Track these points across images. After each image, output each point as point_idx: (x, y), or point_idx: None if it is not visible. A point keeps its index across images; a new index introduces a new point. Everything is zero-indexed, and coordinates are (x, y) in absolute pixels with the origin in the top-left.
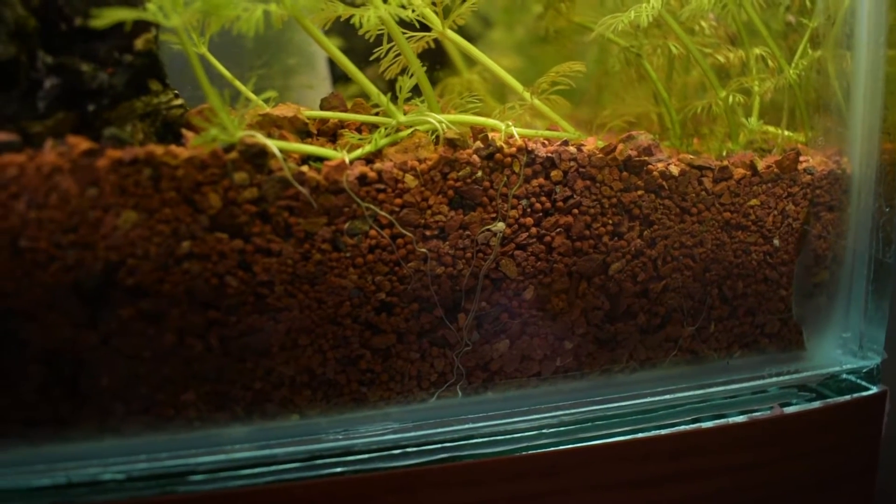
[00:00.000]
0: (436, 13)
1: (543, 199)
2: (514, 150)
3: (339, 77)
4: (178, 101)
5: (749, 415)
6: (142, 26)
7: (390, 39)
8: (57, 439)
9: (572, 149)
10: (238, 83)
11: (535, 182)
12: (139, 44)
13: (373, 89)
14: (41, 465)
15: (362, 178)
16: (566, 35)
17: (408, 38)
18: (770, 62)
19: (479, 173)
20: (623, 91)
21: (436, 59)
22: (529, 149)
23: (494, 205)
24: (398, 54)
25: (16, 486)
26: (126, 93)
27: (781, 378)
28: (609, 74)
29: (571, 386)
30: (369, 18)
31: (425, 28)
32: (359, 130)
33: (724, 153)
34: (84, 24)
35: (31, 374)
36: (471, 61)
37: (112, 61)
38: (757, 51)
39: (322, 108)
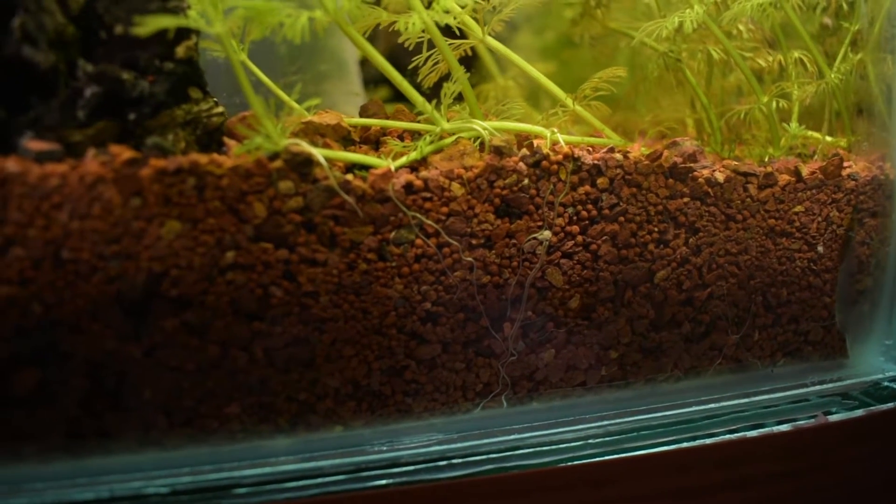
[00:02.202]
0: (476, 20)
1: (589, 206)
2: (560, 157)
3: (367, 82)
4: (219, 109)
5: (793, 423)
6: (182, 34)
7: (430, 46)
8: (100, 452)
9: (618, 156)
10: (279, 91)
11: (581, 190)
12: (180, 51)
13: (418, 97)
14: (84, 479)
15: (408, 187)
16: (600, 40)
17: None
18: (809, 66)
19: (526, 181)
20: (662, 96)
21: (467, 66)
22: (576, 156)
23: (541, 213)
24: (436, 62)
25: (59, 499)
26: (167, 101)
27: (824, 386)
28: (643, 79)
29: (616, 395)
30: (415, 25)
31: (461, 35)
32: (401, 138)
33: (766, 159)
34: (124, 32)
35: (73, 387)
36: (504, 67)
37: (153, 69)
38: (795, 54)
39: (362, 115)
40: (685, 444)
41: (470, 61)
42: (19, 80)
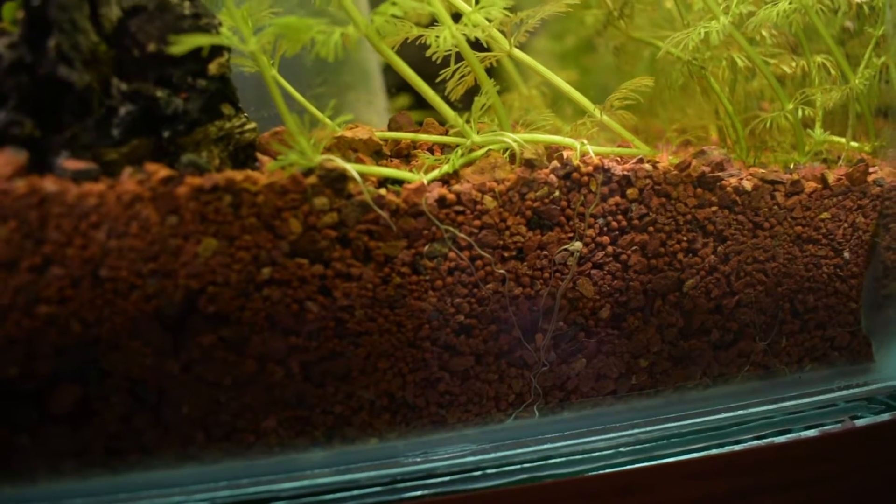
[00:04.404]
0: (502, 33)
1: (619, 217)
2: (590, 168)
3: (387, 89)
4: (251, 125)
5: (820, 428)
6: (214, 51)
7: (458, 59)
8: (139, 468)
9: (648, 166)
10: (310, 106)
11: (611, 200)
12: (213, 68)
13: (449, 111)
14: (124, 494)
15: (441, 201)
16: (622, 48)
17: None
18: (832, 70)
19: (557, 193)
20: (686, 104)
21: (490, 76)
22: (606, 167)
23: (571, 224)
24: (463, 75)
25: None
26: (200, 118)
27: (851, 391)
28: (667, 87)
29: (645, 403)
30: (445, 39)
31: (483, 47)
32: (430, 151)
33: (791, 165)
34: (157, 50)
35: (112, 403)
36: (526, 75)
37: (186, 86)
38: (818, 59)
39: (391, 127)
40: (714, 451)
41: (492, 71)
42: (55, 100)
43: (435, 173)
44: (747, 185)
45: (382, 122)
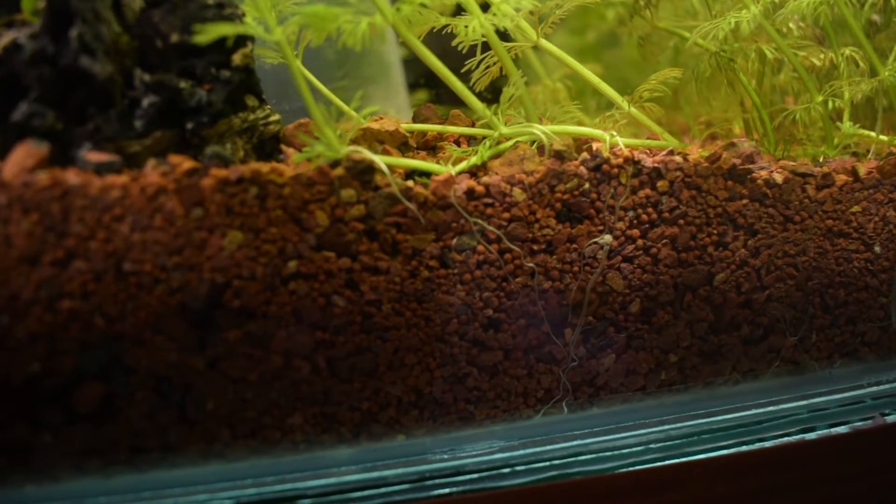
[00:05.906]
0: (530, 23)
1: (650, 209)
2: (620, 160)
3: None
4: (275, 117)
5: (850, 425)
6: (238, 41)
7: (482, 50)
8: (164, 465)
9: (678, 158)
10: (335, 97)
11: (641, 193)
12: (237, 59)
13: (477, 102)
14: (148, 493)
15: (470, 193)
16: (646, 39)
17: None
18: (861, 63)
19: (587, 185)
20: (712, 96)
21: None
22: (636, 159)
23: (601, 217)
24: (488, 66)
25: None
26: (224, 109)
27: (880, 387)
28: (694, 79)
29: (675, 399)
30: (474, 28)
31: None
32: (456, 143)
33: (821, 159)
34: (180, 41)
35: (137, 400)
36: (549, 69)
37: (209, 77)
38: (846, 51)
39: (415, 120)
40: (744, 448)
41: (515, 64)
42: (77, 91)
43: (463, 165)
44: (778, 177)
45: (404, 115)
